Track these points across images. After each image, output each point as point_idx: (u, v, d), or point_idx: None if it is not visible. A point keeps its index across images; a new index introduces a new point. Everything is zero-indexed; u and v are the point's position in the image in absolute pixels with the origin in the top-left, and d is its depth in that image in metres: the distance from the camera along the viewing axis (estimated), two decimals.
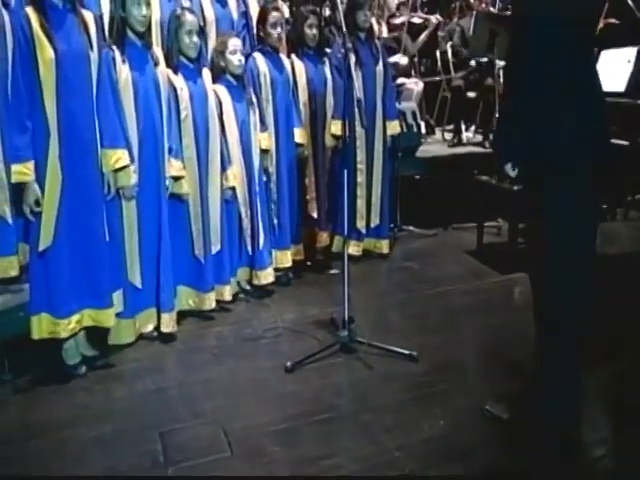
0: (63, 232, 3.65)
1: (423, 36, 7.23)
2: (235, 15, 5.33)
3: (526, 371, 3.41)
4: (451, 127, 7.98)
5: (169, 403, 3.54)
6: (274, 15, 4.92)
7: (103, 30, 4.02)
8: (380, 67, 5.47)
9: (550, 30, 2.76)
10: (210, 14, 5.15)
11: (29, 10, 3.51)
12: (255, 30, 5.14)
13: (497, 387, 3.53)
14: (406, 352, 3.85)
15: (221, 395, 3.60)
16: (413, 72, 7.59)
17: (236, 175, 4.63)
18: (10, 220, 3.93)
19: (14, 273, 4.02)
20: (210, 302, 4.49)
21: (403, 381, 3.65)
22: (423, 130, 7.02)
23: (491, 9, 7.92)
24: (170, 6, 4.85)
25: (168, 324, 4.23)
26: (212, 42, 5.04)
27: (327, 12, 7.86)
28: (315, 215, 5.39)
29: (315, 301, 4.79)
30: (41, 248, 3.63)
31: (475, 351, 4.06)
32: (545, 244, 3.03)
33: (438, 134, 7.95)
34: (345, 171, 4.00)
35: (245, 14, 5.41)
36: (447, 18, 8.34)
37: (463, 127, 7.60)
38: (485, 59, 7.13)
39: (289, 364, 3.79)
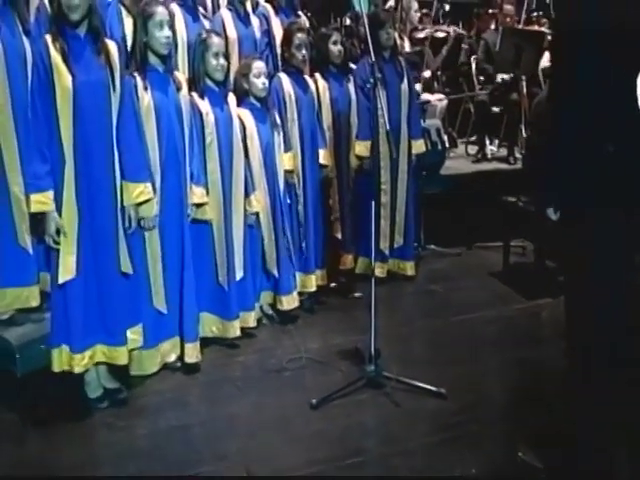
0: (80, 265, 3.58)
1: (444, 50, 7.11)
2: (258, 34, 5.26)
3: (558, 412, 3.31)
4: (473, 138, 7.87)
5: (193, 442, 3.48)
6: (299, 37, 4.84)
7: (126, 55, 3.95)
8: (405, 86, 5.37)
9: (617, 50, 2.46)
10: (232, 33, 5.08)
11: (49, 38, 3.45)
12: (280, 51, 5.05)
13: (530, 429, 3.43)
14: (434, 389, 3.77)
15: (245, 434, 3.53)
16: (435, 84, 7.47)
17: (259, 200, 4.55)
18: (31, 250, 3.91)
19: (35, 303, 4.01)
20: (234, 330, 4.42)
21: (432, 421, 3.57)
22: (446, 143, 6.90)
23: (513, 18, 7.77)
24: (195, 27, 4.79)
25: (192, 354, 4.17)
26: (234, 62, 4.97)
27: (347, 21, 7.84)
28: (339, 236, 5.31)
29: (339, 328, 4.70)
30: (61, 281, 3.56)
31: (505, 387, 3.97)
32: (592, 276, 2.90)
33: (461, 147, 7.81)
34: (372, 202, 3.90)
35: (268, 32, 5.34)
36: (469, 30, 8.24)
37: (487, 141, 7.47)
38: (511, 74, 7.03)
39: (314, 401, 3.71)
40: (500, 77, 7.06)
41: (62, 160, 3.48)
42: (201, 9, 5.11)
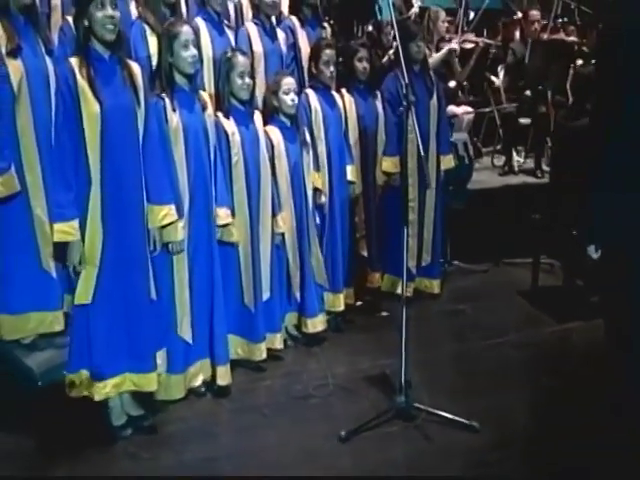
0: (105, 290, 3.51)
1: (472, 61, 6.97)
2: (284, 48, 5.16)
3: (595, 448, 3.23)
4: (498, 147, 7.74)
5: (219, 476, 3.39)
6: (327, 53, 4.74)
7: (151, 75, 3.87)
8: (434, 101, 5.27)
9: None
10: (259, 48, 4.98)
11: (74, 61, 3.36)
12: (307, 66, 4.96)
13: (565, 469, 3.32)
14: (466, 422, 3.66)
15: (272, 467, 3.44)
16: (460, 93, 7.33)
17: (285, 220, 4.46)
18: (54, 274, 3.85)
19: (59, 328, 3.96)
20: (261, 353, 4.35)
21: (466, 457, 3.47)
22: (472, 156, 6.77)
23: (540, 23, 7.61)
24: (221, 41, 4.71)
25: (224, 377, 4.10)
26: (260, 77, 4.88)
27: (370, 28, 7.73)
28: (365, 254, 5.21)
29: (366, 350, 4.62)
30: (76, 302, 3.50)
31: (538, 420, 3.83)
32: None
33: (486, 158, 7.67)
34: (404, 227, 3.80)
35: (294, 46, 5.24)
36: (494, 37, 8.10)
37: (514, 153, 7.35)
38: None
39: (343, 433, 3.61)
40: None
41: (88, 185, 3.41)
42: (226, 21, 5.02)
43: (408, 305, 3.64)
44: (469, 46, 7.00)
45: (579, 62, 7.13)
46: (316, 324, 4.72)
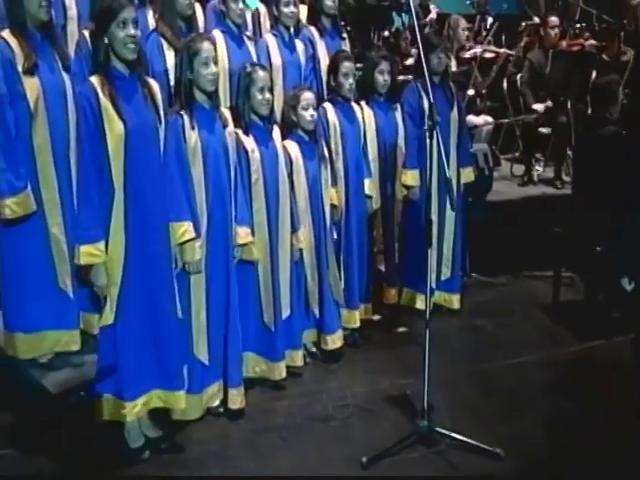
0: (130, 309, 3.46)
1: (493, 72, 6.89)
2: (303, 60, 5.10)
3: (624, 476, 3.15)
4: (517, 154, 7.66)
5: None
6: (346, 65, 4.67)
7: (169, 91, 3.80)
8: (455, 113, 5.18)
9: None
10: (277, 60, 4.94)
11: (95, 80, 3.30)
12: (326, 78, 4.90)
13: None
14: (490, 449, 3.58)
15: None
16: (478, 101, 7.24)
17: (304, 236, 4.39)
18: (71, 293, 3.81)
19: (76, 347, 3.93)
20: (280, 372, 4.28)
21: None
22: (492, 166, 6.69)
23: (559, 29, 7.51)
24: (240, 54, 4.66)
25: (236, 400, 4.02)
26: (279, 89, 4.82)
27: (386, 33, 7.67)
28: (383, 269, 5.14)
29: (385, 369, 4.54)
30: (101, 324, 3.46)
31: (563, 448, 3.73)
32: None
33: (505, 166, 7.58)
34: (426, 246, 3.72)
35: (313, 57, 5.18)
36: (513, 44, 8.01)
37: (533, 162, 7.26)
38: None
39: (364, 460, 3.53)
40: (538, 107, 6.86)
41: (110, 205, 3.36)
42: (247, 32, 4.97)
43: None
44: (488, 55, 6.91)
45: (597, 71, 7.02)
46: (335, 340, 4.65)
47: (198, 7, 4.90)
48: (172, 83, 3.98)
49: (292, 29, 5.10)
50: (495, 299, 5.69)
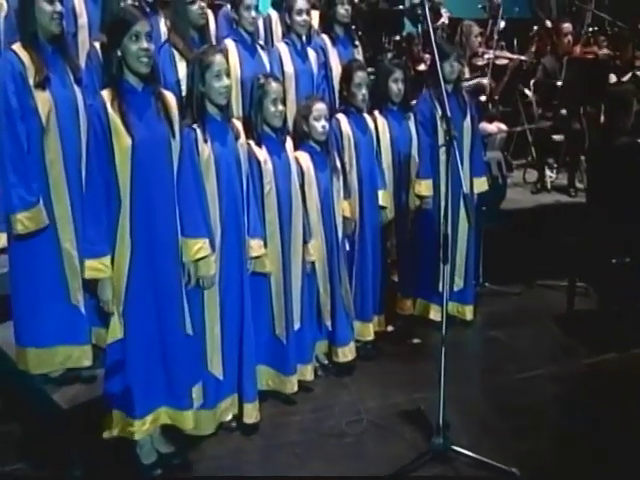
0: (137, 325, 3.42)
1: (505, 78, 6.83)
2: (315, 68, 5.07)
3: None
4: (529, 159, 7.60)
5: None
6: (359, 75, 4.63)
7: (181, 102, 3.77)
8: (468, 121, 5.12)
9: None
10: (290, 69, 4.92)
11: (106, 94, 3.27)
12: (338, 88, 4.86)
13: None
14: (506, 468, 3.52)
15: None
16: (490, 106, 7.18)
17: (316, 248, 4.35)
18: (83, 309, 3.78)
19: (88, 363, 3.91)
20: (292, 386, 4.24)
21: None
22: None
23: (572, 34, 7.45)
24: (253, 63, 4.64)
25: (251, 415, 3.97)
26: (291, 98, 4.79)
27: (397, 38, 7.62)
28: (396, 279, 5.10)
29: (398, 382, 4.49)
30: (108, 340, 3.43)
31: (580, 465, 3.68)
32: None
33: (517, 171, 7.51)
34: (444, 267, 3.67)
35: (325, 65, 5.15)
36: (526, 48, 7.96)
37: (546, 168, 7.20)
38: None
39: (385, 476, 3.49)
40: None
41: (117, 219, 3.33)
42: (260, 41, 4.95)
43: (440, 332, 3.53)
44: (502, 62, 6.85)
45: (613, 78, 6.96)
46: (347, 353, 4.61)
47: (210, 15, 4.87)
48: (184, 94, 3.95)
49: (304, 37, 5.06)
50: (508, 309, 5.63)
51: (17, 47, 3.54)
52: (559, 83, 6.78)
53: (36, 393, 3.86)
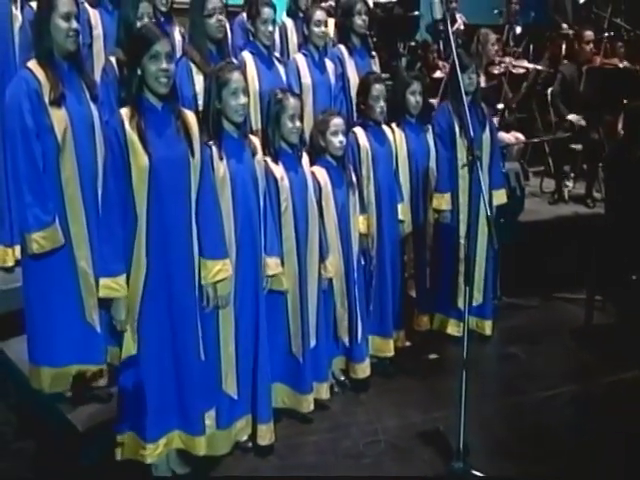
0: (150, 346, 3.39)
1: (523, 88, 6.76)
2: (332, 79, 5.02)
3: None
4: (544, 167, 7.52)
5: None
6: (377, 88, 4.56)
7: (197, 116, 3.71)
8: (487, 134, 5.06)
9: None
10: (307, 80, 4.88)
11: (124, 112, 3.23)
12: (356, 101, 4.80)
13: None
14: None
15: None
16: (507, 114, 7.10)
17: (333, 265, 4.29)
18: (98, 328, 3.73)
19: (102, 383, 3.82)
20: (308, 405, 4.17)
21: None
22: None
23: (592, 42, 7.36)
24: (270, 75, 4.59)
25: (265, 436, 3.91)
26: (308, 110, 4.73)
27: (412, 44, 7.57)
28: (414, 294, 5.03)
29: (416, 400, 4.44)
30: (122, 357, 3.41)
31: None
32: None
33: (534, 180, 7.43)
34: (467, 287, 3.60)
35: (342, 76, 5.09)
36: (541, 54, 7.88)
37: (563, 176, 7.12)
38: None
39: None
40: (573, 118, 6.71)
41: (134, 238, 3.28)
42: (276, 54, 4.89)
43: (458, 346, 3.47)
44: (520, 71, 6.78)
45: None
46: (364, 369, 4.55)
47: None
48: (200, 108, 3.90)
49: (322, 48, 5.00)
50: (526, 323, 5.55)
51: (32, 64, 3.49)
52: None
53: (50, 412, 3.82)
